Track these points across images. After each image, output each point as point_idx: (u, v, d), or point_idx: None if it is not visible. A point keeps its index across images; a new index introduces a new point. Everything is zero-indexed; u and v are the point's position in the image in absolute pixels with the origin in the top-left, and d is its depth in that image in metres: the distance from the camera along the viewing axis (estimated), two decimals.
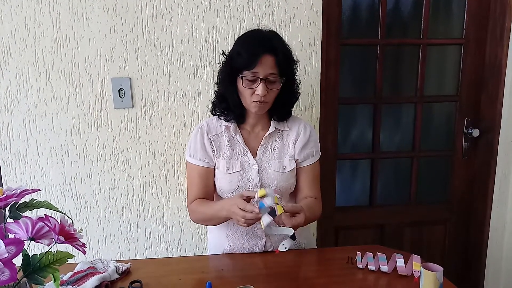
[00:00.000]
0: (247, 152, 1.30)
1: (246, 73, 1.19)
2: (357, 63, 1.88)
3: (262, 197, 1.06)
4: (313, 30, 1.63)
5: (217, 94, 1.32)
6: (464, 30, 1.84)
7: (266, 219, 1.05)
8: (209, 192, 1.33)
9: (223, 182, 1.30)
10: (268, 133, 1.31)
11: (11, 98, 1.51)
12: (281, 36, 1.26)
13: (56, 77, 1.52)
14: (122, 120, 1.58)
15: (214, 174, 1.32)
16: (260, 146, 1.32)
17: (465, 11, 1.82)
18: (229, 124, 1.31)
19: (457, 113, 1.91)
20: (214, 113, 1.34)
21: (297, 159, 1.33)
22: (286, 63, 1.23)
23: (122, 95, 1.56)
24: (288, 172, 1.30)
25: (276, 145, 1.32)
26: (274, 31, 1.27)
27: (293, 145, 1.32)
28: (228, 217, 1.21)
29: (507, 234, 1.94)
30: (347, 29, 1.80)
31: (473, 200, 1.98)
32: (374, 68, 1.82)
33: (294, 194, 1.37)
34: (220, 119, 1.32)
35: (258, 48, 1.18)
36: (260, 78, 1.18)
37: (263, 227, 1.06)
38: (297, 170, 1.34)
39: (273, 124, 1.32)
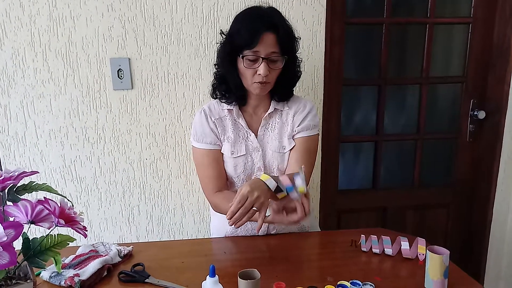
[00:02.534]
0: (250, 135, 1.28)
1: (247, 52, 1.15)
2: (362, 43, 1.83)
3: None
4: (317, 8, 1.58)
5: (217, 76, 1.28)
6: (472, 9, 1.79)
7: (271, 182, 1.04)
8: (225, 176, 1.29)
9: (228, 166, 1.27)
10: (267, 113, 1.28)
11: (7, 79, 1.48)
12: (284, 14, 1.22)
13: (53, 57, 1.48)
14: (121, 102, 1.55)
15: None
16: (260, 127, 1.29)
17: None
18: (231, 108, 1.27)
19: (463, 95, 1.88)
20: (214, 96, 1.30)
21: (295, 131, 1.28)
22: (287, 41, 1.19)
23: (121, 76, 1.52)
24: (288, 152, 1.28)
25: (276, 125, 1.29)
26: (273, 7, 1.22)
27: (292, 121, 1.28)
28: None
29: (511, 217, 1.93)
30: (352, 7, 1.74)
31: (477, 183, 1.96)
32: (379, 48, 1.78)
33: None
34: (221, 102, 1.29)
35: (258, 26, 1.13)
36: (262, 57, 1.14)
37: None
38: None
39: (273, 104, 1.28)
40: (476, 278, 1.26)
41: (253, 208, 1.01)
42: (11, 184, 0.81)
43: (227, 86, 1.25)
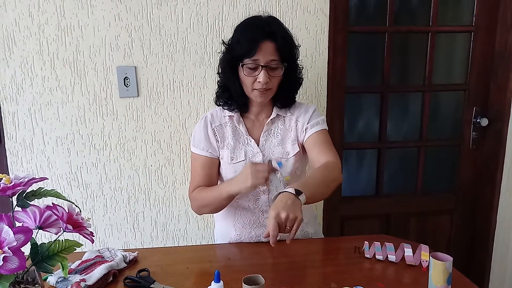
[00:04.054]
0: (250, 141, 1.29)
1: (246, 61, 1.17)
2: (364, 51, 1.85)
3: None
4: (320, 17, 1.60)
5: (220, 84, 1.31)
6: (474, 17, 1.81)
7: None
8: (212, 182, 1.32)
9: (228, 172, 1.29)
10: (269, 119, 1.30)
11: (16, 87, 1.50)
12: (288, 23, 1.24)
13: (61, 65, 1.51)
14: (127, 109, 1.57)
15: (219, 165, 1.31)
16: (262, 133, 1.30)
17: None
18: (233, 114, 1.29)
19: (466, 102, 1.89)
20: (218, 103, 1.33)
21: (305, 128, 1.28)
22: (286, 48, 1.21)
23: (127, 84, 1.55)
24: (292, 157, 1.29)
25: (279, 131, 1.31)
26: (273, 16, 1.25)
27: (295, 126, 1.30)
28: (236, 193, 1.18)
29: None
30: (354, 16, 1.77)
31: (480, 190, 1.96)
32: (381, 56, 1.79)
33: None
34: (224, 109, 1.31)
35: (257, 35, 1.16)
36: (261, 66, 1.17)
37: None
38: (306, 143, 1.28)
39: (275, 110, 1.30)
40: (480, 285, 1.26)
41: (287, 227, 1.00)
42: (21, 190, 0.83)
43: (230, 94, 1.27)
